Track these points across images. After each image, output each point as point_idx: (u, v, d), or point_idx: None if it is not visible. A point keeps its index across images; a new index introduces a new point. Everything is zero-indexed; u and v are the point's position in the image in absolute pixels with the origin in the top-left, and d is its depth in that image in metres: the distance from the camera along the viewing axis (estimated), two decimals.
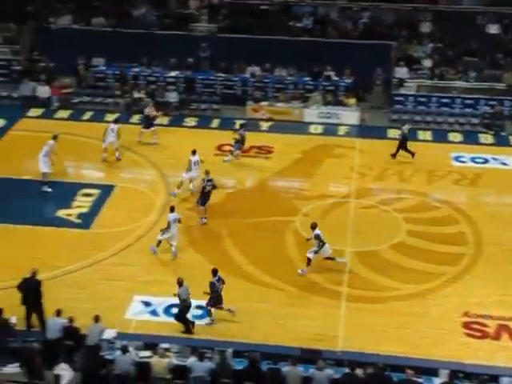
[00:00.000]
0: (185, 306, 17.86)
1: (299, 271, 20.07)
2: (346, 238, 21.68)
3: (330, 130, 29.08)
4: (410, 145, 26.37)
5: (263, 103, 29.93)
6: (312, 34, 32.26)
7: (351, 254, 20.92)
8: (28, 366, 15.49)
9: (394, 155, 26.25)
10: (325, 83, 30.90)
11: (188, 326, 17.77)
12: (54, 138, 24.14)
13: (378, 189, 24.74)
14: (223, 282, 18.26)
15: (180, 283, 17.86)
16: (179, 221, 20.87)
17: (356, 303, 19.01)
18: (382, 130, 28.96)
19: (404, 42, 32.14)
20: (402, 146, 26.15)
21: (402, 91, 30.56)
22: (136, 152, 26.53)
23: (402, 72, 30.86)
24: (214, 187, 22.22)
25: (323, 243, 19.79)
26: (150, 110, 27.29)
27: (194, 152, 23.37)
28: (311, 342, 17.29)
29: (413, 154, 26.15)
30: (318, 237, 19.82)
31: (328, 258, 20.14)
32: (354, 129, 29.22)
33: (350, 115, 29.59)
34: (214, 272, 18.19)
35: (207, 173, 22.28)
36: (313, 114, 29.67)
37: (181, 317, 17.85)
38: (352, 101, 29.94)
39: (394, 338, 17.71)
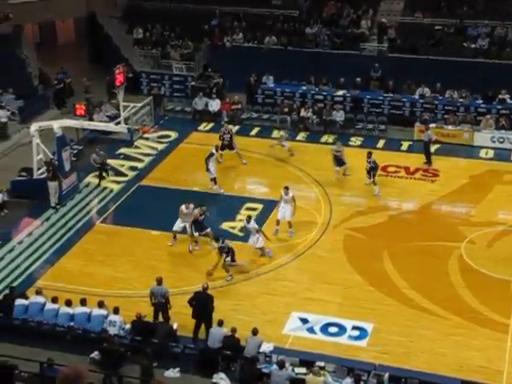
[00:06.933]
0: (153, 304, 18.25)
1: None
2: None
3: (501, 155, 27.86)
4: None
5: (431, 125, 29.19)
6: (488, 55, 31.20)
7: None
8: None
9: None
10: (499, 107, 29.73)
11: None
12: None
13: None
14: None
15: (159, 282, 18.34)
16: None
17: None
18: None
19: None
20: None
21: None
22: (301, 169, 26.73)
23: None
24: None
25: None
26: None
27: None
28: (473, 374, 16.61)
29: None
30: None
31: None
32: None
33: None
34: (216, 239, 20.90)
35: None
36: (484, 137, 28.58)
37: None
38: None
39: None
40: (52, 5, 34.98)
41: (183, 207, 22.20)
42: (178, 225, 22.21)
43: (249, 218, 21.65)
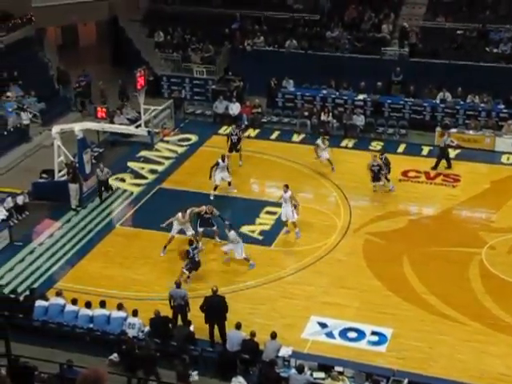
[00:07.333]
0: (172, 306, 18.25)
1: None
2: None
3: None
4: None
5: (452, 130, 29.02)
6: (510, 60, 30.95)
7: None
8: None
9: None
10: None
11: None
12: None
13: None
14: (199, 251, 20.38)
15: (178, 285, 18.46)
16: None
17: None
18: None
19: None
20: None
21: None
22: (321, 173, 26.69)
23: None
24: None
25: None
26: None
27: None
28: (493, 381, 16.49)
29: None
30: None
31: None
32: None
33: None
34: (190, 242, 20.37)
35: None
36: (506, 143, 28.37)
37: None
38: None
39: None
40: (74, 8, 35.26)
41: (180, 215, 21.89)
42: (175, 228, 22.04)
43: (230, 226, 21.43)
